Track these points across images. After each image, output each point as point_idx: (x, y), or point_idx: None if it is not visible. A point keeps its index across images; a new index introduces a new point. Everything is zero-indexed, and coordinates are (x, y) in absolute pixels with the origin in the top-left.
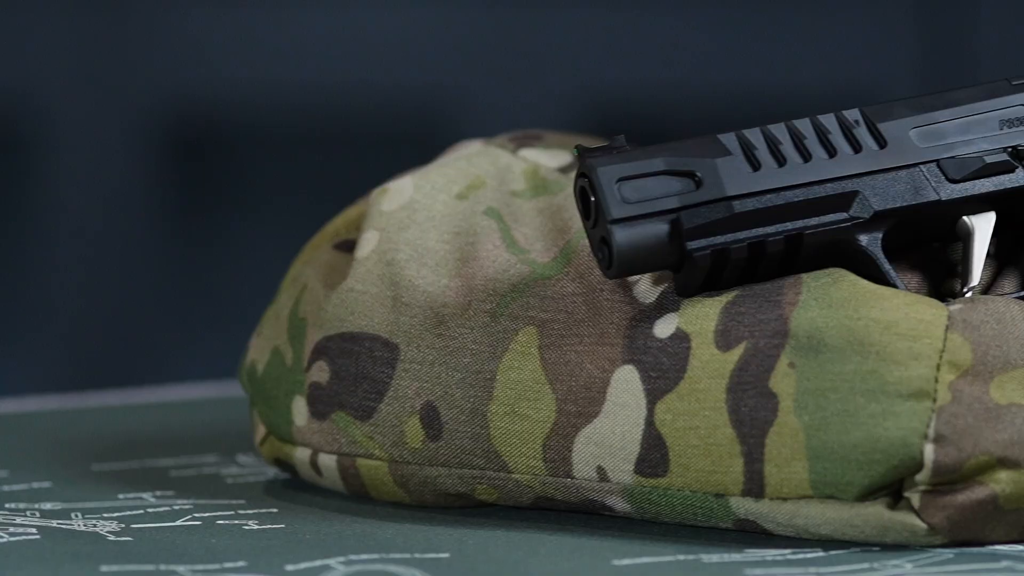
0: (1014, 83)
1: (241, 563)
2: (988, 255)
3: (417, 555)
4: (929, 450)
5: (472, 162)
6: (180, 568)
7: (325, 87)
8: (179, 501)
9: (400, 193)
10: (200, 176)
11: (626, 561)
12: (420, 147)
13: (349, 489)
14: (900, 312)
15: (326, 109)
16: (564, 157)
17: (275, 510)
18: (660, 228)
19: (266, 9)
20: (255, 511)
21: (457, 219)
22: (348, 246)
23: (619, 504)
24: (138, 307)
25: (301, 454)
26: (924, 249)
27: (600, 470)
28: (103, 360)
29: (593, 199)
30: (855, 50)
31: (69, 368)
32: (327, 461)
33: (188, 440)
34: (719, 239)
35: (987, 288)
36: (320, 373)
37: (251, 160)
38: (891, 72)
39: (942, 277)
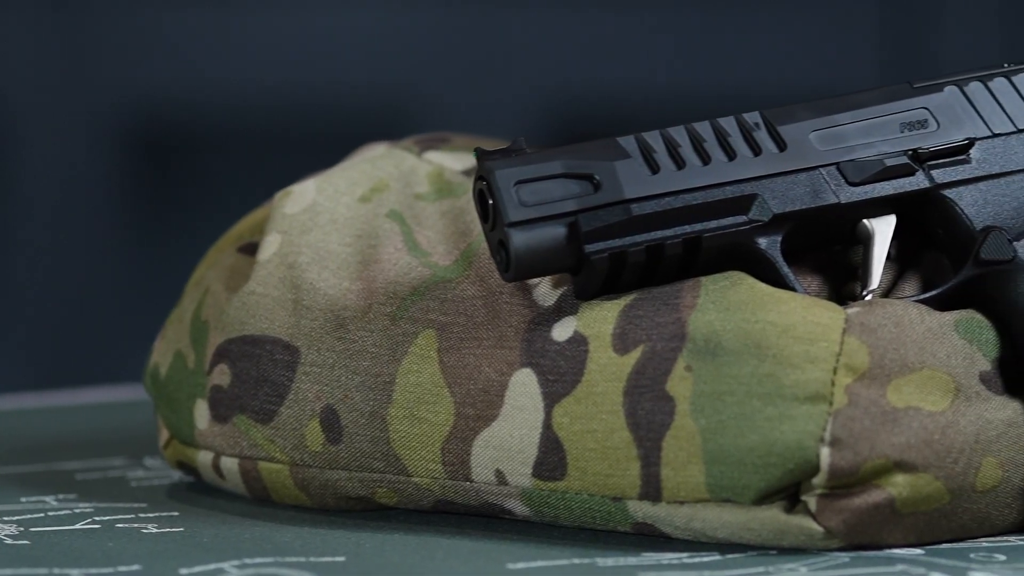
0: (915, 86)
1: (136, 567)
2: (889, 258)
3: (312, 558)
4: (825, 453)
5: (376, 165)
6: (73, 572)
7: (290, 87)
8: (81, 504)
9: (303, 196)
10: (164, 176)
11: (521, 565)
12: None
13: (251, 492)
14: (797, 315)
15: (291, 109)
16: (469, 160)
17: (176, 513)
18: (558, 231)
19: (232, 9)
20: (155, 514)
21: (360, 222)
22: (251, 249)
23: (518, 507)
24: (98, 306)
25: (203, 457)
26: (825, 252)
27: (499, 473)
28: (66, 359)
29: (491, 202)
30: (817, 50)
31: (30, 368)
32: (229, 464)
33: (97, 443)
34: (617, 242)
35: (888, 291)
36: (221, 376)
37: (215, 160)
38: (854, 72)
39: (843, 280)
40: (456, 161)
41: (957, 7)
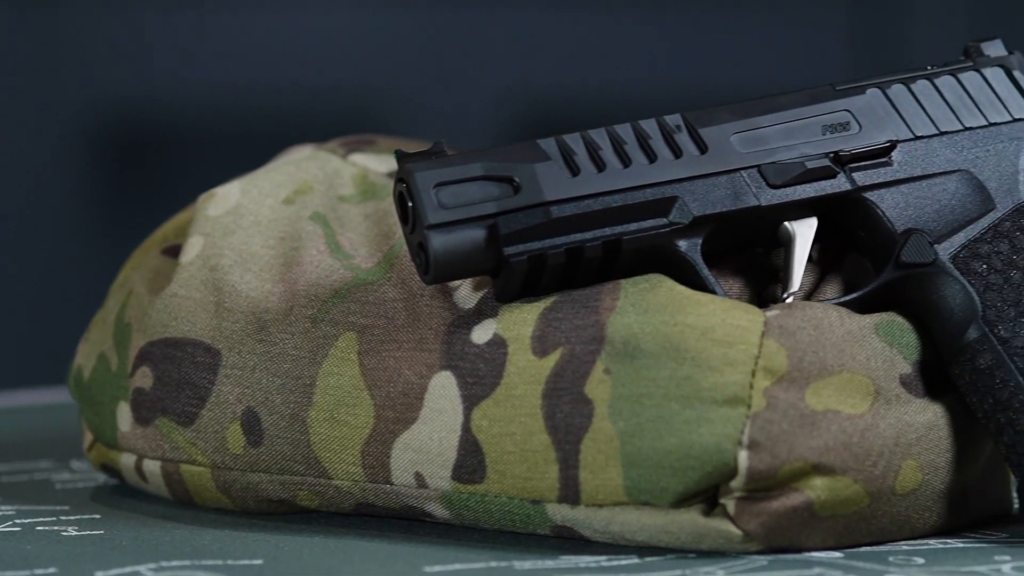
0: (838, 88)
1: (52, 569)
2: (810, 260)
3: (230, 561)
4: (743, 456)
5: (301, 167)
6: None
7: (261, 88)
8: (3, 507)
9: (227, 198)
10: (131, 177)
11: (438, 568)
12: None
13: (174, 495)
14: (716, 318)
15: (262, 110)
16: (394, 162)
17: (97, 516)
18: (477, 233)
19: (201, 11)
20: (77, 517)
21: (283, 224)
22: (175, 251)
23: (438, 510)
24: (61, 307)
25: (127, 460)
26: (746, 254)
27: (418, 476)
28: (28, 360)
29: (411, 204)
30: (788, 48)
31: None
32: (152, 467)
33: (25, 445)
34: (536, 244)
35: (809, 294)
36: (144, 379)
37: (186, 161)
38: (824, 71)
39: (764, 283)
40: (381, 163)
41: (927, 6)
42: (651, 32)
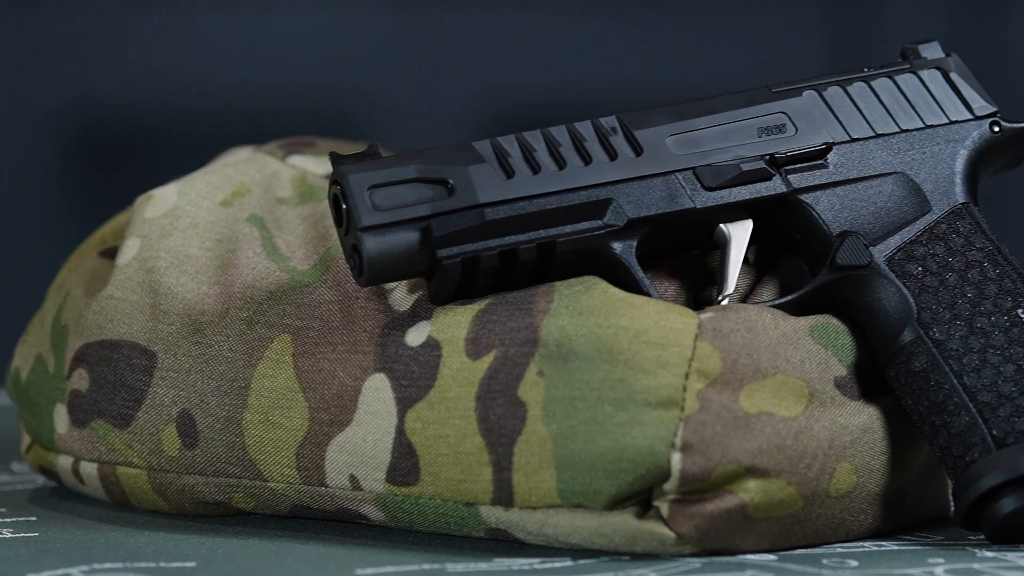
0: (774, 90)
1: None
2: (747, 263)
3: (163, 564)
4: (676, 459)
5: (239, 169)
6: None
7: (238, 90)
8: None
9: (164, 200)
10: (106, 180)
11: (370, 570)
12: None
13: (111, 497)
14: (650, 320)
15: (233, 112)
16: None
17: (33, 518)
18: (411, 236)
19: (175, 12)
20: (13, 519)
21: (220, 226)
22: (112, 253)
23: (373, 513)
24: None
25: (63, 462)
26: (683, 257)
27: (353, 479)
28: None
29: (345, 206)
30: (764, 48)
31: None
32: (88, 469)
33: None
34: (470, 247)
35: (746, 296)
36: (80, 381)
37: (162, 164)
38: (799, 72)
39: (700, 285)
40: (319, 165)
41: (903, 3)
42: (627, 34)
